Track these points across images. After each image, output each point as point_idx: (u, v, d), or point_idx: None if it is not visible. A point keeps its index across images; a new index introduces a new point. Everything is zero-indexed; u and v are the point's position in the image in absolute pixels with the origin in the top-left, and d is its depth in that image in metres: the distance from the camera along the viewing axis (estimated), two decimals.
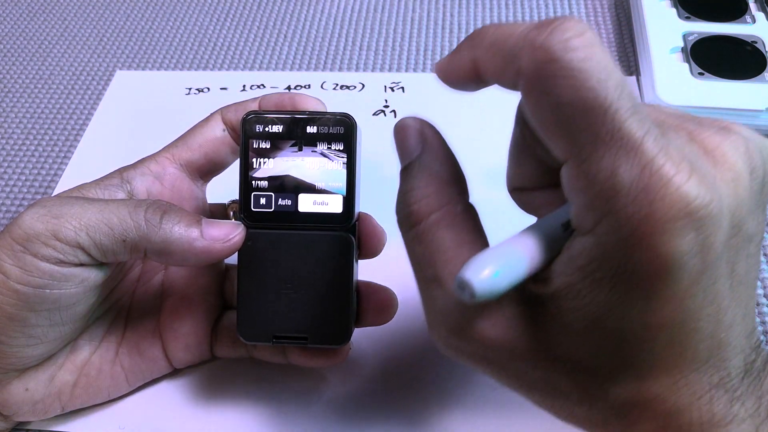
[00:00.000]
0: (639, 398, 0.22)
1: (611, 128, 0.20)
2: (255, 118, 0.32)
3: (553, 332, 0.22)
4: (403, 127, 0.26)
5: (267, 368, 0.36)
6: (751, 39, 0.51)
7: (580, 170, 0.20)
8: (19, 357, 0.31)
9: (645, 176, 0.19)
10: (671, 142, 0.20)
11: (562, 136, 0.21)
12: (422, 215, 0.24)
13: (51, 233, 0.28)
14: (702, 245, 0.20)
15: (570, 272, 0.21)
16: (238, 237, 0.31)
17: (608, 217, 0.20)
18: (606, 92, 0.19)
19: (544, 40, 0.20)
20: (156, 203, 0.30)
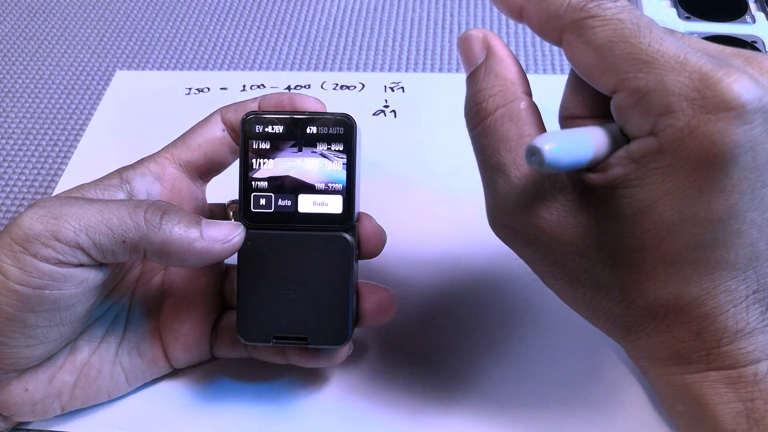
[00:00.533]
0: (677, 300, 0.23)
1: (650, 51, 0.22)
2: (255, 118, 0.32)
3: (603, 221, 0.24)
4: (468, 37, 0.28)
5: (267, 368, 0.36)
6: (751, 39, 0.50)
7: (629, 91, 0.23)
8: (19, 357, 0.31)
9: (695, 78, 0.21)
10: (720, 60, 0.22)
11: (607, 71, 0.23)
12: (489, 111, 0.26)
13: (50, 234, 0.28)
14: (755, 139, 0.21)
15: (626, 164, 0.23)
16: (237, 237, 0.31)
17: (663, 117, 0.22)
18: (639, 28, 0.23)
19: (585, 5, 0.24)
20: (155, 203, 0.30)
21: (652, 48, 0.22)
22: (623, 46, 0.23)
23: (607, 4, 0.24)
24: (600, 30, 0.23)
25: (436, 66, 0.56)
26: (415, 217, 0.44)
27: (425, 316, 0.39)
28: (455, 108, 0.51)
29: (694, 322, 0.24)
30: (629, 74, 0.23)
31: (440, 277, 0.40)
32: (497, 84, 0.27)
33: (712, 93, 0.21)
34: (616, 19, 0.23)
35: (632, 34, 0.23)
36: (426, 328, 0.38)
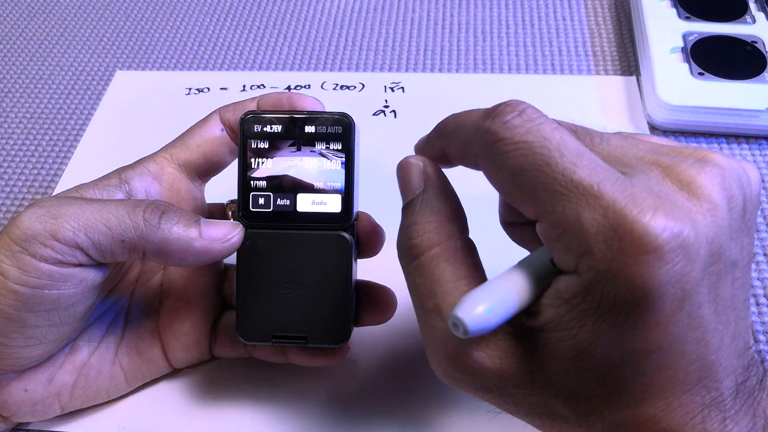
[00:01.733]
0: (634, 420, 0.23)
1: (564, 181, 0.22)
2: (253, 118, 0.32)
3: (546, 362, 0.23)
4: (406, 165, 0.28)
5: (267, 368, 0.36)
6: (751, 39, 0.50)
7: (550, 223, 0.22)
8: (18, 358, 0.31)
9: (609, 216, 0.21)
10: (637, 182, 0.22)
11: (526, 200, 0.23)
12: (423, 248, 0.26)
13: (49, 233, 0.28)
14: (679, 274, 0.21)
15: (557, 305, 0.22)
16: (236, 237, 0.31)
17: (585, 258, 0.21)
18: (550, 153, 0.22)
19: (490, 125, 0.23)
20: (154, 203, 0.30)
21: (566, 177, 0.22)
22: (537, 176, 0.22)
23: (513, 122, 0.23)
24: (510, 156, 0.23)
25: (436, 66, 0.56)
26: None
27: None
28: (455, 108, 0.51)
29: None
30: (548, 206, 0.22)
31: None
32: (432, 220, 0.26)
33: (629, 235, 0.20)
34: (523, 142, 0.22)
35: (543, 161, 0.22)
36: None
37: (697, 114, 0.47)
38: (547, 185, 0.22)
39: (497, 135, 0.23)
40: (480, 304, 0.22)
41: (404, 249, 0.26)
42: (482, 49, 0.57)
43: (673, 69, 0.49)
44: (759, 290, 0.40)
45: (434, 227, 0.26)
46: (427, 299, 0.25)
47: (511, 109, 0.23)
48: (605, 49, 0.56)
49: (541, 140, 0.22)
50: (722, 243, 0.22)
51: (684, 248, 0.21)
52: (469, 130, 0.25)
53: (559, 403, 0.24)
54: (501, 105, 0.24)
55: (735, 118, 0.47)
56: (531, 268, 0.24)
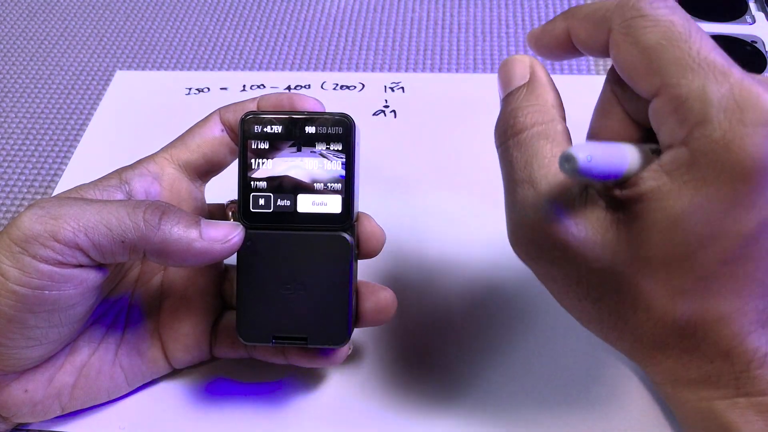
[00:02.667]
0: (706, 317, 0.23)
1: (698, 58, 0.22)
2: (253, 118, 0.32)
3: (633, 235, 0.23)
4: (512, 60, 0.29)
5: (266, 368, 0.36)
6: (751, 39, 0.50)
7: (670, 96, 0.23)
8: (18, 358, 0.31)
9: (735, 91, 0.22)
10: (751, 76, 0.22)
11: (651, 73, 0.23)
12: (526, 126, 0.26)
13: (50, 234, 0.28)
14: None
15: (658, 177, 0.23)
16: (237, 238, 0.31)
17: (700, 126, 0.22)
18: (690, 33, 0.23)
19: (635, 2, 0.24)
20: (154, 204, 0.30)
21: (701, 56, 0.22)
22: (672, 50, 0.23)
23: (659, 4, 0.24)
24: (650, 30, 0.23)
25: (436, 66, 0.56)
26: (414, 216, 0.44)
27: (425, 316, 0.39)
28: (455, 108, 0.51)
29: (723, 342, 0.23)
30: (673, 79, 0.23)
31: (440, 276, 0.40)
32: (538, 103, 0.27)
33: (752, 106, 0.21)
34: (667, 20, 0.23)
35: (682, 39, 0.23)
36: (425, 328, 0.38)
37: None
38: (680, 59, 0.23)
39: (642, 11, 0.24)
40: (594, 150, 0.22)
41: (504, 128, 0.27)
42: (482, 49, 0.57)
43: None
44: None
45: (539, 109, 0.26)
46: (521, 170, 0.26)
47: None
48: None
49: (684, 22, 0.23)
50: None
51: None
52: (608, 7, 0.25)
53: (636, 285, 0.24)
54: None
55: None
56: (638, 147, 0.24)
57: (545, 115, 0.26)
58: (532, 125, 0.26)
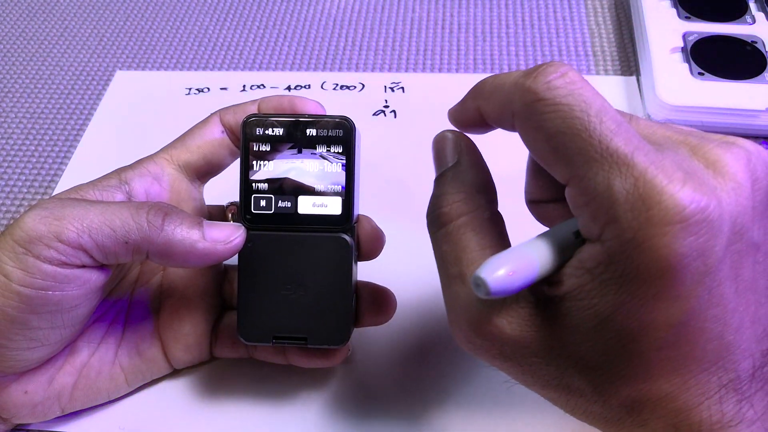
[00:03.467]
0: (650, 396, 0.23)
1: (600, 148, 0.22)
2: (255, 121, 0.32)
3: (565, 331, 0.23)
4: (442, 139, 0.29)
5: (267, 369, 0.36)
6: (751, 39, 0.50)
7: (580, 189, 0.22)
8: (19, 360, 0.31)
9: (639, 186, 0.21)
10: (667, 156, 0.22)
11: (559, 162, 0.23)
12: (452, 217, 0.26)
13: (54, 235, 0.28)
14: (702, 248, 0.21)
15: (580, 274, 0.23)
16: (239, 239, 0.31)
17: (610, 226, 0.22)
18: (589, 118, 0.22)
19: (531, 83, 0.23)
20: (157, 205, 0.30)
21: (602, 145, 0.22)
22: (574, 140, 0.22)
23: (555, 83, 0.23)
24: (549, 117, 0.23)
25: (436, 66, 0.56)
26: (414, 216, 0.44)
27: (424, 317, 0.39)
28: None
29: (670, 416, 0.23)
30: (579, 171, 0.22)
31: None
32: (463, 190, 0.26)
33: (657, 205, 0.21)
34: (565, 104, 0.22)
35: (582, 126, 0.22)
36: (425, 329, 0.38)
37: (697, 114, 0.47)
38: (583, 150, 0.22)
39: (538, 94, 0.23)
40: (503, 266, 0.22)
41: (433, 217, 0.27)
42: (482, 49, 0.57)
43: (673, 69, 0.49)
44: None
45: (463, 197, 0.26)
46: (452, 266, 0.25)
47: (554, 70, 0.23)
48: (605, 49, 0.56)
49: (581, 104, 0.22)
50: (745, 223, 0.22)
51: (709, 222, 0.21)
52: (508, 89, 0.25)
53: (576, 375, 0.24)
54: (543, 65, 0.24)
55: (735, 118, 0.47)
56: (554, 238, 0.24)
57: (470, 204, 0.26)
58: (458, 216, 0.26)
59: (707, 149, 0.23)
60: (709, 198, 0.21)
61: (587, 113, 0.22)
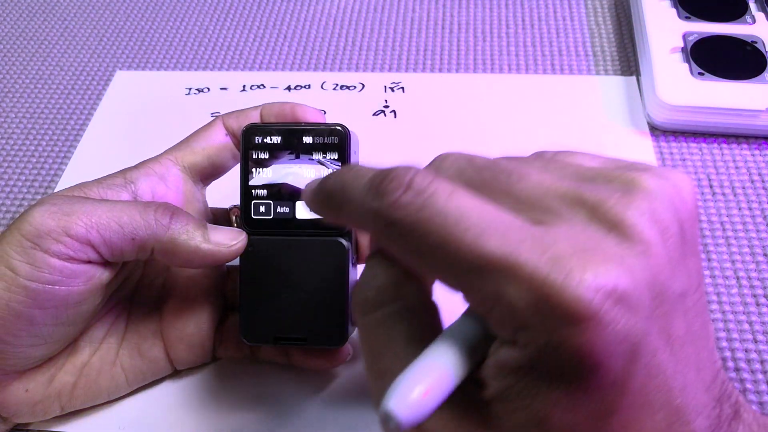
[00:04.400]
0: None
1: (474, 258, 0.19)
2: (254, 129, 0.33)
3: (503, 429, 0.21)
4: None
5: (267, 369, 0.36)
6: (751, 39, 0.50)
7: (474, 300, 0.21)
8: (22, 357, 0.31)
9: (535, 289, 0.19)
10: (559, 235, 0.20)
11: (441, 278, 0.21)
12: (379, 304, 0.23)
13: (62, 229, 0.29)
14: (624, 331, 0.19)
15: (503, 375, 0.21)
16: (240, 243, 0.32)
17: (521, 333, 0.20)
18: (450, 230, 0.20)
19: (378, 206, 0.21)
20: (164, 205, 0.31)
21: (474, 254, 0.19)
22: (442, 257, 0.20)
23: (402, 200, 0.20)
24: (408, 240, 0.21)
25: (436, 66, 0.56)
26: None
27: None
28: (455, 108, 0.51)
29: None
30: (463, 287, 0.20)
31: None
32: (394, 274, 0.23)
33: (559, 307, 0.18)
34: (417, 222, 0.20)
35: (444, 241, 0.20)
36: None
37: (697, 114, 0.47)
38: (457, 266, 0.20)
39: (388, 218, 0.21)
40: (413, 389, 0.20)
41: (359, 301, 0.24)
42: (482, 49, 0.57)
43: (673, 69, 0.49)
44: (759, 290, 0.40)
45: (392, 282, 0.23)
46: (377, 361, 0.23)
47: (397, 185, 0.21)
48: (605, 49, 0.56)
49: (436, 216, 0.20)
50: (664, 281, 0.20)
51: (622, 303, 0.19)
52: (358, 209, 0.22)
53: None
54: (386, 178, 0.21)
55: (735, 118, 0.47)
56: (464, 331, 0.22)
57: (400, 290, 0.23)
58: (384, 303, 0.23)
59: (606, 209, 0.21)
60: (617, 276, 0.19)
61: (445, 225, 0.20)
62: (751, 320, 0.38)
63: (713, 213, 0.44)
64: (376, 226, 0.22)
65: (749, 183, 0.45)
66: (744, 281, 0.40)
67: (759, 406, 0.35)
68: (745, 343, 0.37)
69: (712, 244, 0.42)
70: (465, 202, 0.20)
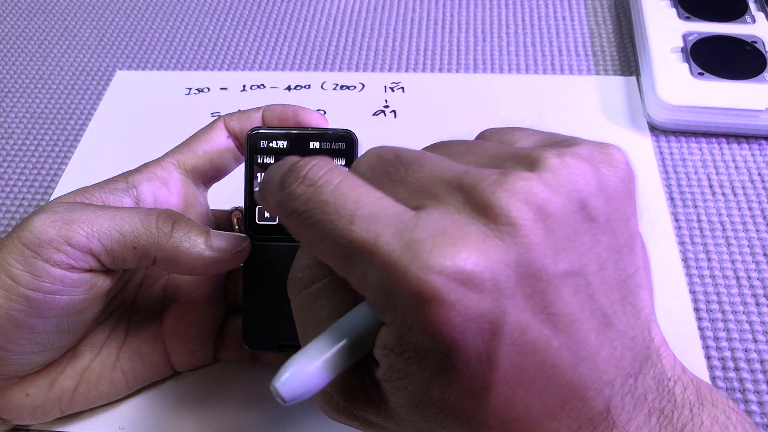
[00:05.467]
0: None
1: (345, 244, 0.21)
2: (259, 134, 0.32)
3: (398, 409, 0.22)
4: None
5: (267, 370, 0.36)
6: (751, 39, 0.50)
7: (352, 285, 0.22)
8: (22, 364, 0.31)
9: (388, 272, 0.20)
10: (426, 220, 0.20)
11: (330, 265, 0.22)
12: (306, 283, 0.24)
13: (63, 239, 0.28)
14: (474, 310, 0.19)
15: (386, 354, 0.21)
16: (244, 250, 0.31)
17: (386, 313, 0.21)
18: (329, 217, 0.21)
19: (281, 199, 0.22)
20: (167, 212, 0.31)
21: (345, 239, 0.21)
22: (324, 244, 0.21)
23: (296, 192, 0.22)
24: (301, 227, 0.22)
25: (436, 66, 0.56)
26: None
27: None
28: (455, 108, 0.51)
29: None
30: (343, 270, 0.21)
31: None
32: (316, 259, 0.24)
33: (406, 289, 0.19)
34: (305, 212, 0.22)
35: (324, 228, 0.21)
36: None
37: (697, 114, 0.47)
38: (335, 252, 0.21)
39: (287, 209, 0.22)
40: (298, 370, 0.21)
41: (290, 282, 0.25)
42: (482, 49, 0.57)
43: (673, 69, 0.49)
44: (759, 290, 0.40)
45: (318, 261, 0.24)
46: (305, 338, 0.24)
47: (295, 177, 0.22)
48: (605, 49, 0.56)
49: (320, 205, 0.21)
50: (534, 261, 0.20)
51: (470, 284, 0.19)
52: (271, 200, 0.23)
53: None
54: (288, 171, 0.23)
55: (735, 118, 0.47)
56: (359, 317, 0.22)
57: (326, 269, 0.24)
58: (311, 282, 0.24)
59: (478, 192, 0.21)
60: (465, 258, 0.19)
61: (326, 212, 0.21)
62: (751, 320, 0.38)
63: (713, 213, 0.44)
64: (281, 217, 0.23)
65: (749, 183, 0.45)
66: (744, 281, 0.40)
67: (759, 406, 0.35)
68: (745, 343, 0.37)
69: (712, 244, 0.42)
70: (349, 192, 0.21)
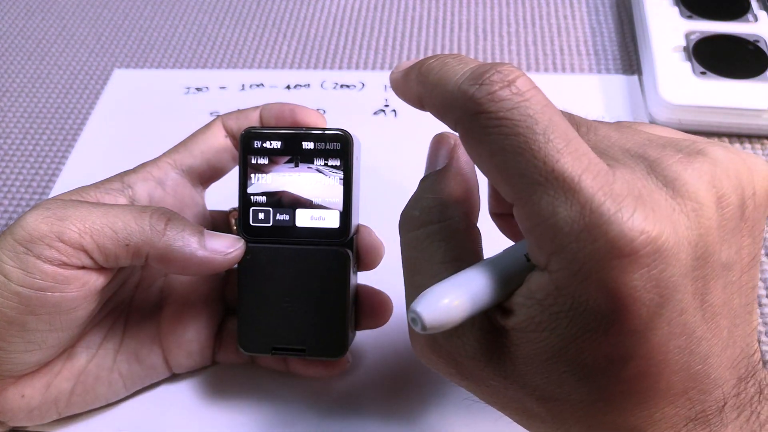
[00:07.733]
0: (614, 428, 0.22)
1: (545, 170, 0.20)
2: (253, 134, 0.32)
3: (518, 362, 0.22)
4: (438, 140, 0.27)
5: (266, 372, 0.36)
6: (753, 38, 0.50)
7: (524, 212, 0.21)
8: (16, 363, 0.30)
9: (585, 215, 0.19)
10: (619, 177, 0.20)
11: (502, 182, 0.21)
12: (423, 222, 0.25)
13: (55, 235, 0.28)
14: (656, 279, 0.20)
15: (530, 305, 0.21)
16: (238, 251, 0.31)
17: (556, 256, 0.20)
18: (534, 136, 0.20)
19: (475, 92, 0.21)
20: (160, 210, 0.30)
21: (547, 166, 0.20)
22: (516, 159, 0.20)
23: (500, 93, 0.21)
24: (491, 132, 0.21)
25: None
26: None
27: None
28: None
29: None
30: (522, 194, 0.21)
31: None
32: (442, 197, 0.25)
33: (603, 237, 0.19)
34: (507, 120, 0.21)
35: (525, 145, 0.20)
36: None
37: (700, 113, 0.47)
38: (527, 171, 0.20)
39: (481, 106, 0.21)
40: (442, 299, 0.21)
41: (405, 219, 0.26)
42: (483, 48, 0.56)
43: (675, 68, 0.48)
44: (761, 290, 0.39)
45: (439, 204, 0.25)
46: (415, 274, 0.24)
47: (501, 78, 0.21)
48: (607, 48, 0.56)
49: (527, 119, 0.20)
50: (709, 245, 0.21)
51: (661, 253, 0.19)
52: (452, 91, 0.22)
53: (534, 402, 0.23)
54: (491, 70, 0.21)
55: (737, 117, 0.47)
56: (506, 261, 0.22)
57: (445, 212, 0.24)
58: (429, 222, 0.24)
59: (666, 165, 0.21)
60: (662, 226, 0.20)
61: (533, 130, 0.20)
62: None
63: None
64: (464, 113, 0.22)
65: None
66: None
67: None
68: None
69: None
70: (556, 118, 0.21)
